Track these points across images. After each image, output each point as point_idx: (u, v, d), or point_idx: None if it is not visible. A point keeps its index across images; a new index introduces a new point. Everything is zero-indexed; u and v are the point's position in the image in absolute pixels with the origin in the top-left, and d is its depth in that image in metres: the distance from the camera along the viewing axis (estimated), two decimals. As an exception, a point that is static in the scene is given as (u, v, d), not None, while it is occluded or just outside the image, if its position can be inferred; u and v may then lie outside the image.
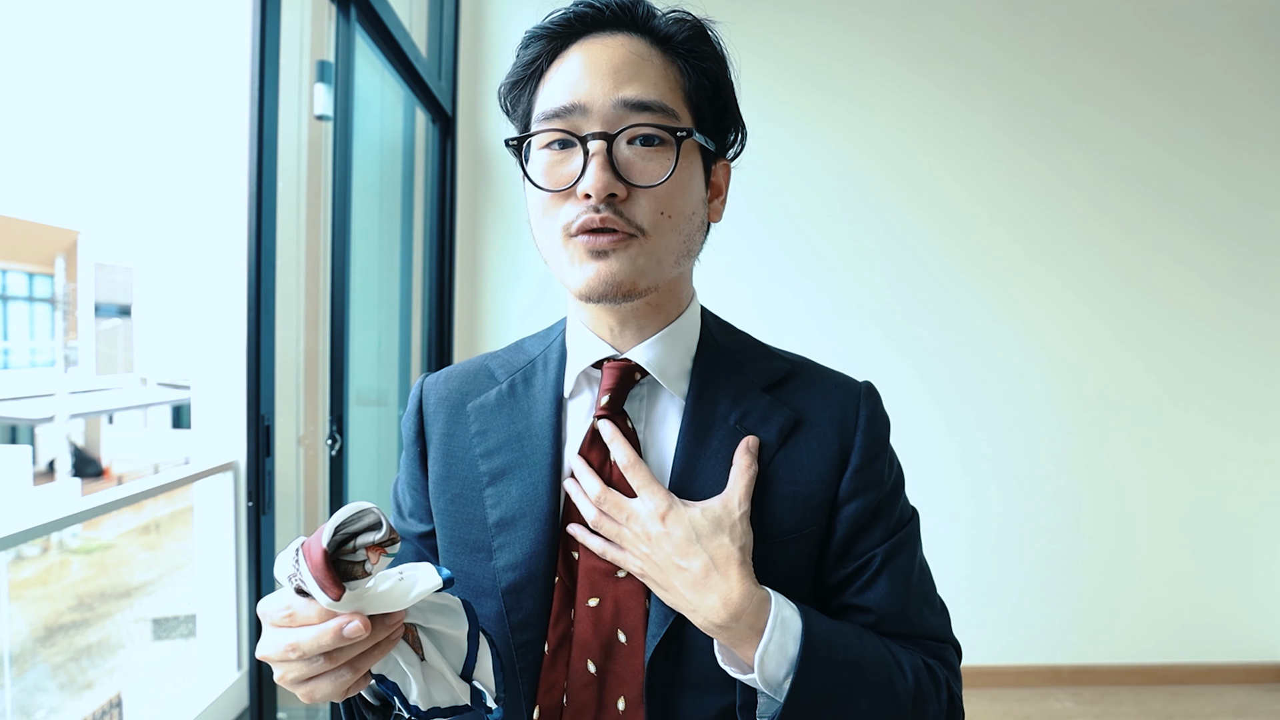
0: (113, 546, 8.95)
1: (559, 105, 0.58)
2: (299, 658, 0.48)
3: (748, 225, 2.82)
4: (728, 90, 0.65)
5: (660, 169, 0.58)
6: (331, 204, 1.78)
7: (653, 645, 0.60)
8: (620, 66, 0.58)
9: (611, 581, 0.62)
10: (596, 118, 0.57)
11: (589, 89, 0.57)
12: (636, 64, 0.59)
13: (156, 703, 5.66)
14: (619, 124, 0.57)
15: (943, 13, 2.85)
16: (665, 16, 0.62)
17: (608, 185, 0.56)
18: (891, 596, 0.63)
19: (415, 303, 2.60)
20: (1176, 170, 2.89)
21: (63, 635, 6.68)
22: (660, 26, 0.61)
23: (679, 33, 0.61)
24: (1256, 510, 2.95)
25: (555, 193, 0.59)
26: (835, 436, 0.64)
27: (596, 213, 0.57)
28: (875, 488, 0.64)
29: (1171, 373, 2.91)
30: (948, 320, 2.87)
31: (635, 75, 0.58)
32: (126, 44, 15.14)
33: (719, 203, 0.67)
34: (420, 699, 0.52)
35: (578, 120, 0.58)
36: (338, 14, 1.78)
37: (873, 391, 0.68)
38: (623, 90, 0.57)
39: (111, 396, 13.39)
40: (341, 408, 1.79)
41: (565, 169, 0.59)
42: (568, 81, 0.58)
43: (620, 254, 0.58)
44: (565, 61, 0.60)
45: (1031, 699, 2.81)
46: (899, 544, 0.65)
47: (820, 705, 0.56)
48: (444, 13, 2.68)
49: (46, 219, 12.95)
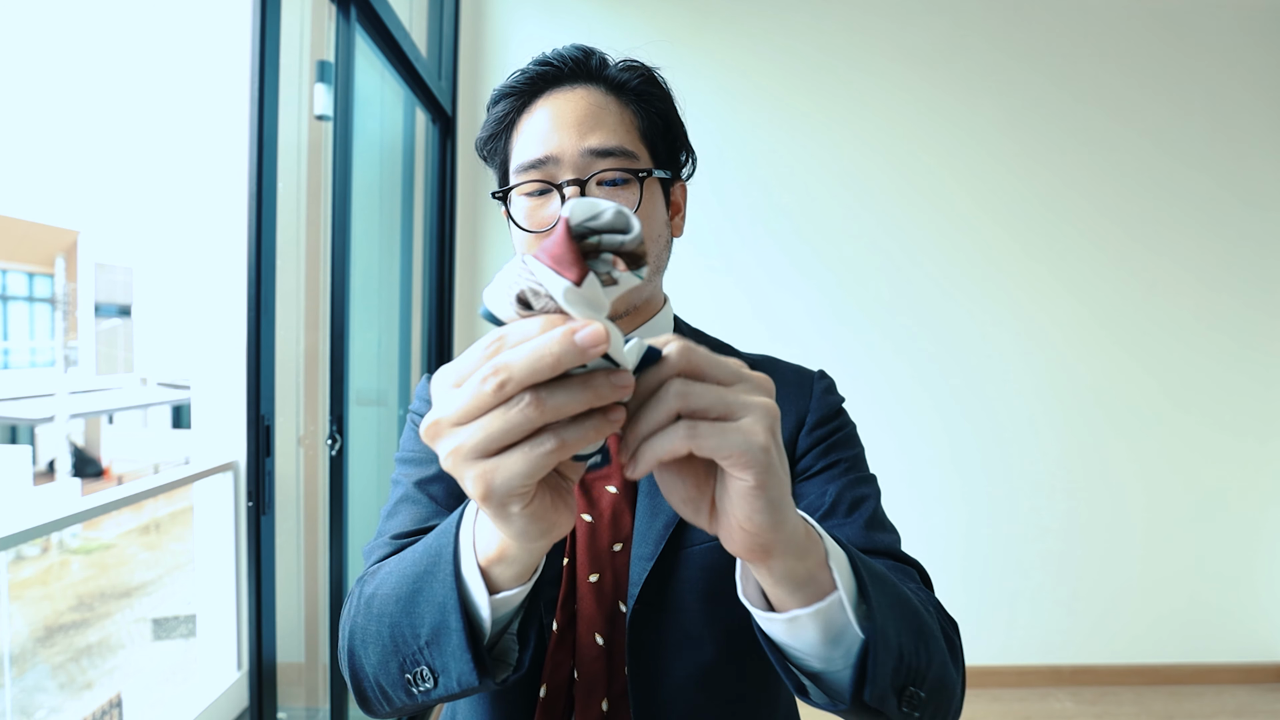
0: (113, 546, 8.95)
1: (534, 158, 0.65)
2: (497, 395, 0.32)
3: (747, 226, 2.82)
4: (677, 124, 0.73)
5: (628, 205, 0.65)
6: (331, 204, 1.78)
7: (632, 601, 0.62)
8: (583, 118, 0.66)
9: (609, 555, 0.65)
10: (568, 166, 0.65)
11: (558, 141, 0.65)
12: (597, 114, 0.66)
13: (156, 703, 5.66)
14: (588, 170, 0.65)
15: (943, 14, 2.85)
16: (617, 66, 0.69)
17: None
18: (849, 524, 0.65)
19: (415, 303, 2.60)
20: (1175, 172, 2.89)
21: (63, 635, 6.68)
22: (613, 75, 0.69)
23: (631, 79, 0.69)
24: (1256, 511, 2.95)
25: (539, 233, 0.66)
26: (791, 409, 0.71)
27: None
28: (828, 439, 0.70)
29: (1170, 374, 2.91)
30: (947, 321, 2.87)
31: (597, 124, 0.66)
32: (126, 44, 15.14)
33: (679, 219, 0.75)
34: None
35: (552, 169, 0.65)
36: (338, 14, 1.78)
37: (825, 375, 0.76)
38: (587, 140, 0.65)
39: (111, 396, 13.39)
40: (341, 408, 1.79)
41: (544, 212, 0.66)
42: (539, 135, 0.66)
43: None
44: (533, 115, 0.67)
45: (1031, 699, 2.81)
46: (855, 482, 0.68)
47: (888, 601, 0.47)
48: (444, 13, 2.68)
49: (46, 219, 12.95)
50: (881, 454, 2.76)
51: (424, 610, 0.48)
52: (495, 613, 0.47)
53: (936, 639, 0.51)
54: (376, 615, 0.53)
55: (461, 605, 0.46)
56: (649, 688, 0.63)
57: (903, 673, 0.46)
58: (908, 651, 0.46)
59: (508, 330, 0.34)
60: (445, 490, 0.67)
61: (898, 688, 0.46)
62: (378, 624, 0.52)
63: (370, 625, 0.53)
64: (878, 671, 0.43)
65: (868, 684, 0.43)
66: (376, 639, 0.52)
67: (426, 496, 0.67)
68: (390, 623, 0.51)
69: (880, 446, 2.79)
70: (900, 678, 0.46)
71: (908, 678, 0.46)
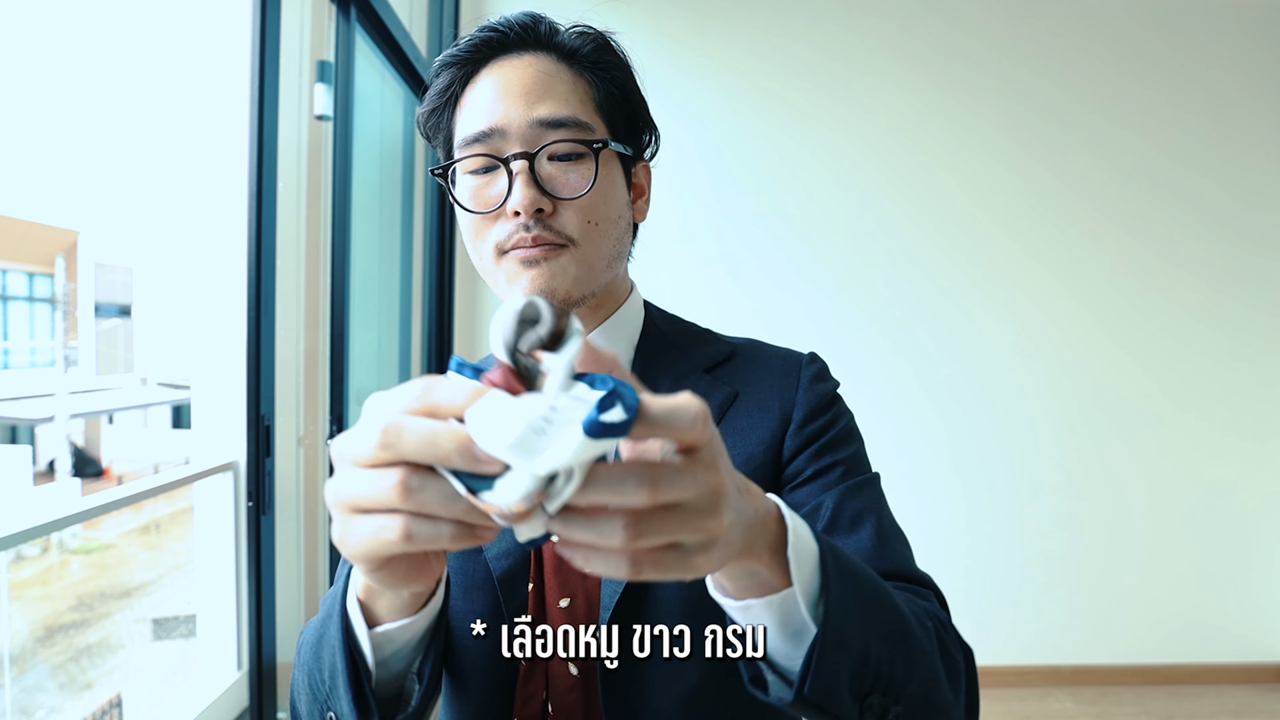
0: (113, 546, 8.95)
1: (478, 130, 0.60)
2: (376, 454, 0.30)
3: (747, 226, 2.82)
4: (635, 96, 0.67)
5: (582, 180, 0.60)
6: (331, 204, 1.78)
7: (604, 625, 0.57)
8: (531, 87, 0.60)
9: (580, 577, 0.60)
10: (515, 138, 0.59)
11: (504, 112, 0.60)
12: (546, 82, 0.61)
13: (156, 703, 5.66)
14: (537, 142, 0.59)
15: (943, 14, 2.85)
16: (569, 32, 0.64)
17: (534, 201, 0.58)
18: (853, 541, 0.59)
19: (415, 303, 2.60)
20: (1175, 172, 2.89)
21: (63, 635, 6.68)
22: (565, 42, 0.63)
23: (582, 46, 0.63)
24: (1256, 511, 2.95)
25: (485, 214, 0.61)
26: (775, 401, 0.65)
27: (527, 230, 0.59)
28: (820, 438, 0.64)
29: (1170, 374, 2.91)
30: (947, 322, 2.87)
31: (546, 93, 0.60)
32: (126, 43, 15.13)
33: (643, 202, 0.70)
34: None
35: (497, 143, 0.60)
36: (338, 14, 1.78)
37: (816, 358, 0.69)
38: (536, 110, 0.60)
39: (111, 396, 13.38)
40: (341, 408, 1.79)
41: (491, 190, 0.61)
42: (483, 106, 0.61)
43: (552, 261, 0.60)
44: (477, 86, 0.62)
45: (1031, 699, 2.81)
46: (855, 489, 0.61)
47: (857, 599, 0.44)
48: (444, 13, 2.69)
49: (46, 219, 12.95)
50: (881, 454, 2.74)
51: (325, 654, 0.47)
52: (380, 651, 0.45)
53: (924, 653, 0.47)
54: (302, 664, 0.53)
55: (347, 646, 0.45)
56: (628, 717, 0.59)
57: (866, 678, 0.43)
58: (876, 657, 0.44)
59: (435, 387, 0.31)
60: None
61: (858, 693, 0.43)
62: (302, 672, 0.52)
63: (299, 674, 0.53)
64: (823, 668, 0.41)
65: (810, 678, 0.41)
66: (304, 687, 0.52)
67: None
68: (308, 671, 0.51)
69: (880, 446, 2.78)
70: (862, 683, 0.43)
71: (873, 685, 0.43)
